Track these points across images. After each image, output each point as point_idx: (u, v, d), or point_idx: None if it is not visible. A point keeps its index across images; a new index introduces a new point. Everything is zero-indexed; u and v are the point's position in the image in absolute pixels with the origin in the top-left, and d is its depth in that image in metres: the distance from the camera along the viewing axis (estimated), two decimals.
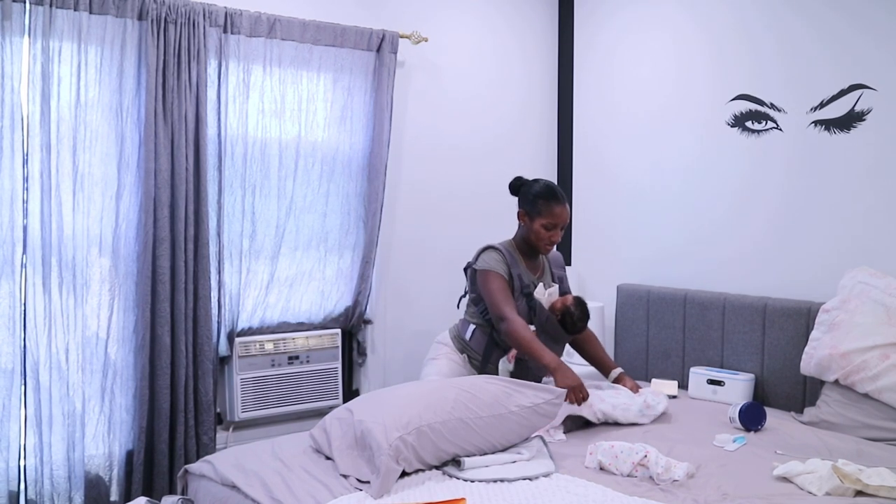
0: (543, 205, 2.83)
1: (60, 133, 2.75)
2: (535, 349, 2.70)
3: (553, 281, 3.01)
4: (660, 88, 3.66)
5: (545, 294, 2.91)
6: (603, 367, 3.08)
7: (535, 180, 2.96)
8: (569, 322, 2.90)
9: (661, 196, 3.66)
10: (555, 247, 2.99)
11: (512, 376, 2.70)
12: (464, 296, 3.04)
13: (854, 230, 2.96)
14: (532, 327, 2.83)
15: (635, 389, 2.87)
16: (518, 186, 2.95)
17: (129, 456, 2.93)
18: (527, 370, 2.78)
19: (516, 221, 2.96)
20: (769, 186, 3.22)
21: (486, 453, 2.28)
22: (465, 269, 2.98)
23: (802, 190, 3.11)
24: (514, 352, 2.82)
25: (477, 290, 2.89)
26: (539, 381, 2.70)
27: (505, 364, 2.84)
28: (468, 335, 2.92)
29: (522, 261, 2.91)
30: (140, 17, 2.85)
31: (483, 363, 2.87)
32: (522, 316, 2.83)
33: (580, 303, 2.94)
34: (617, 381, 2.98)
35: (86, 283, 2.82)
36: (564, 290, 3.07)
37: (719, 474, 2.23)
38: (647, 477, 2.20)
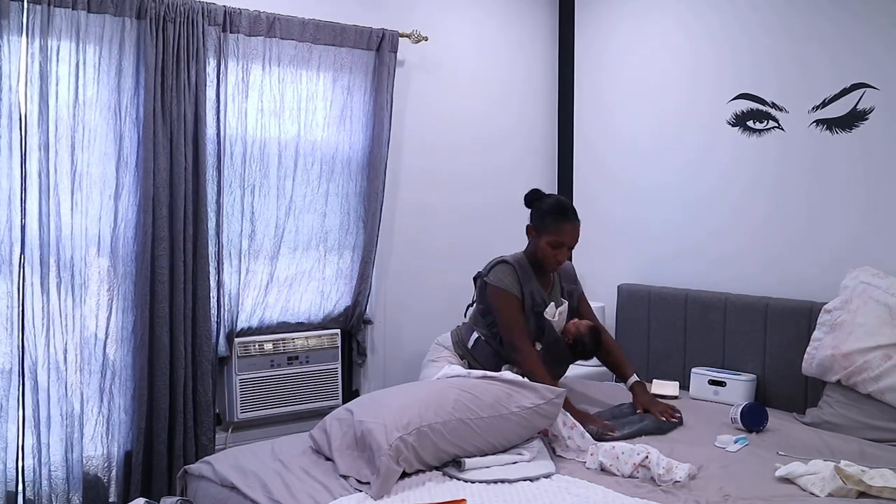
0: (551, 222, 2.74)
1: (59, 132, 2.74)
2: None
3: (563, 296, 2.93)
4: (660, 87, 3.65)
5: (556, 314, 2.86)
6: (620, 372, 2.97)
7: (549, 195, 2.86)
8: (579, 350, 2.87)
9: (661, 196, 3.65)
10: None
11: None
12: (471, 305, 2.98)
13: (856, 230, 2.95)
14: (538, 346, 2.80)
15: (654, 409, 2.74)
16: (532, 200, 2.84)
17: (128, 457, 2.92)
18: None
19: (515, 220, 2.93)
20: (770, 186, 3.21)
21: (486, 454, 2.27)
22: (475, 279, 2.91)
23: (804, 189, 3.10)
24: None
25: (486, 302, 2.82)
26: None
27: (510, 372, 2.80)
28: (471, 343, 2.89)
29: (535, 276, 2.83)
30: (139, 16, 2.84)
31: None
32: (531, 335, 2.78)
33: (594, 333, 2.88)
34: (632, 390, 2.86)
35: (84, 283, 2.81)
36: (573, 307, 2.98)
37: (721, 475, 2.22)
38: (648, 478, 2.19)
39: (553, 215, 2.75)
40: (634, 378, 2.89)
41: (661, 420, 2.68)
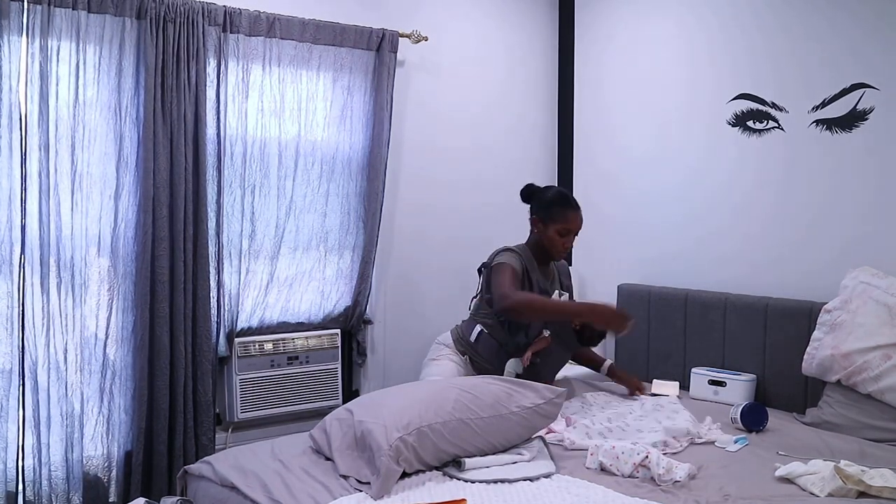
0: (558, 211, 2.84)
1: (59, 132, 2.74)
2: (559, 306, 2.77)
3: (562, 290, 3.00)
4: (660, 87, 3.65)
5: (560, 299, 2.90)
6: (593, 363, 3.19)
7: (548, 187, 2.97)
8: (587, 335, 2.90)
9: (661, 196, 3.65)
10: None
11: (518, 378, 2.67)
12: (475, 297, 3.00)
13: (856, 230, 2.95)
14: (547, 332, 2.81)
15: (632, 384, 3.07)
16: (530, 193, 2.94)
17: (128, 457, 2.92)
18: (536, 374, 2.76)
19: (515, 220, 2.95)
20: (770, 186, 3.21)
21: (486, 454, 2.27)
22: (479, 270, 2.95)
23: (804, 189, 3.10)
24: (528, 354, 2.76)
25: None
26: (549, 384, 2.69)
27: (515, 365, 2.78)
28: (473, 337, 2.89)
29: (537, 266, 2.91)
30: (139, 16, 2.84)
31: (494, 370, 2.83)
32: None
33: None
34: (610, 374, 3.12)
35: (84, 283, 2.81)
36: (567, 297, 3.05)
37: (721, 475, 2.22)
38: (648, 478, 2.19)
39: (558, 205, 2.85)
40: (609, 361, 3.16)
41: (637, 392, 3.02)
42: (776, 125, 3.19)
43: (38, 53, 2.66)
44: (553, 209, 2.84)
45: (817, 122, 3.05)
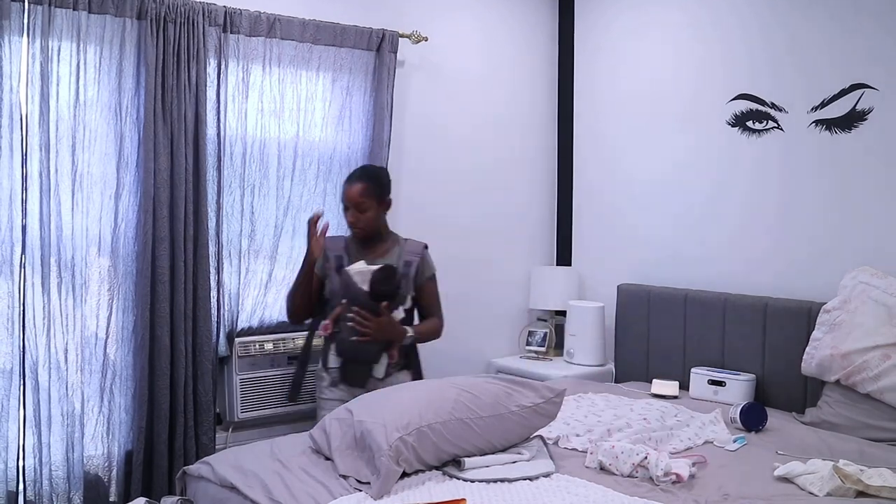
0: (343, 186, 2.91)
1: (59, 132, 2.74)
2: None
3: (401, 265, 2.90)
4: (660, 88, 3.66)
5: (364, 269, 2.80)
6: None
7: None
8: (382, 291, 2.79)
9: (661, 196, 3.66)
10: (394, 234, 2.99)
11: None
12: None
13: (855, 230, 2.96)
14: (343, 300, 2.78)
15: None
16: None
17: (129, 456, 2.92)
18: (346, 342, 2.78)
19: (514, 219, 2.95)
20: (770, 186, 3.22)
21: (486, 453, 2.27)
22: None
23: (803, 189, 3.11)
24: (328, 322, 2.81)
25: None
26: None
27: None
28: None
29: (354, 245, 2.93)
30: (139, 17, 2.84)
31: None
32: (337, 288, 2.82)
33: (383, 270, 2.81)
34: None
35: (85, 282, 2.82)
36: (410, 275, 2.92)
37: (720, 475, 2.23)
38: (647, 478, 2.19)
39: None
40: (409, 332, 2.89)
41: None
42: (776, 125, 3.19)
43: (39, 54, 2.67)
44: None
45: (817, 122, 3.06)
